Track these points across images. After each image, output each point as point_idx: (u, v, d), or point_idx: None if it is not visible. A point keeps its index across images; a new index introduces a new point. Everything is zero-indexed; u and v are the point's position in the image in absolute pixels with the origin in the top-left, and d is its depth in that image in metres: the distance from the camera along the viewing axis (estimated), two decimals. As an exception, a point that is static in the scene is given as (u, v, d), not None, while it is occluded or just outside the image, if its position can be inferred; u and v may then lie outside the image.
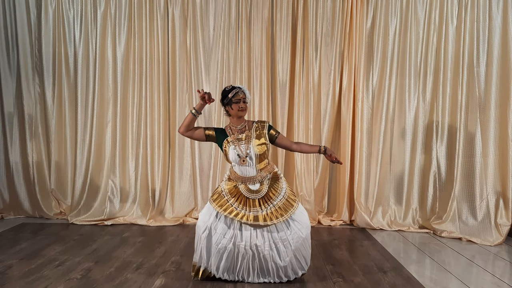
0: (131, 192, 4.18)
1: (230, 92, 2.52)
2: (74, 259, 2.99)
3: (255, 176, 2.52)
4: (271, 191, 2.52)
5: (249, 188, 2.51)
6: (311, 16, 4.06)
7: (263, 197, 2.51)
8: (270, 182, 2.54)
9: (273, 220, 2.45)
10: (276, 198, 2.51)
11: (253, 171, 2.52)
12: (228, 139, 2.55)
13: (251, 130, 2.57)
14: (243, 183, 2.53)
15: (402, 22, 4.03)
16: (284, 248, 2.47)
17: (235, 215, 2.45)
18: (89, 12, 4.12)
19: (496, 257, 3.27)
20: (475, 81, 3.85)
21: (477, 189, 3.80)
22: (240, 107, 2.52)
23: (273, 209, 2.48)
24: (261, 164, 2.54)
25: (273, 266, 2.50)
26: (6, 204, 4.30)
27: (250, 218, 2.44)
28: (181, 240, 3.52)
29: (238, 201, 2.49)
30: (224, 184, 2.58)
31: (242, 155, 2.49)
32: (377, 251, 3.31)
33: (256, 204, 2.49)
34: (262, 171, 2.53)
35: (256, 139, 2.53)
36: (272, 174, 2.57)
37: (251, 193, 2.51)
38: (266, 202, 2.50)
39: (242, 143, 2.52)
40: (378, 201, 4.10)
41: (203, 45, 4.16)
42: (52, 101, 4.25)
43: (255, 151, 2.50)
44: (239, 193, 2.52)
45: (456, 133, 3.89)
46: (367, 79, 4.09)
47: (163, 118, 4.15)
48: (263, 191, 2.51)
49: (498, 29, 3.79)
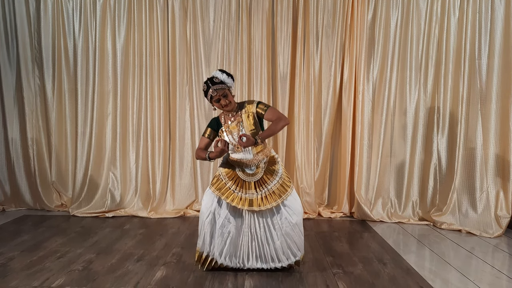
0: (132, 185, 4.19)
1: (206, 94, 2.48)
2: (75, 251, 3.00)
3: (252, 160, 2.55)
4: (266, 175, 2.55)
5: (245, 171, 2.55)
6: (312, 8, 4.03)
7: (258, 180, 2.53)
8: (267, 166, 2.56)
9: (266, 205, 2.48)
10: (270, 183, 2.53)
11: (250, 155, 2.55)
12: (222, 128, 2.58)
13: (241, 115, 2.56)
14: (239, 166, 2.55)
15: (404, 14, 4.00)
16: (275, 231, 2.52)
17: (232, 199, 2.48)
18: (88, 4, 4.09)
19: (496, 249, 3.29)
20: (477, 73, 3.83)
21: (477, 181, 3.81)
22: (222, 105, 2.50)
23: (267, 193, 2.51)
24: (257, 147, 2.55)
25: (267, 249, 2.54)
26: (7, 197, 4.31)
27: (246, 203, 2.47)
28: (182, 232, 3.53)
29: (235, 184, 2.53)
30: (222, 168, 2.61)
31: (234, 142, 2.52)
32: (377, 243, 3.33)
33: (252, 187, 2.52)
34: (259, 154, 2.55)
35: (247, 121, 2.53)
36: (268, 157, 2.59)
37: (247, 176, 2.54)
38: (261, 186, 2.53)
39: (234, 131, 2.54)
40: (378, 193, 4.11)
41: (203, 37, 4.13)
42: (52, 94, 4.24)
43: (247, 131, 2.51)
44: (236, 176, 2.55)
45: (457, 126, 3.88)
46: (368, 71, 4.07)
47: (163, 110, 4.14)
48: (258, 175, 2.54)
49: (500, 20, 3.76)
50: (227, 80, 2.49)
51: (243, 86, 4.11)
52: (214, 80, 2.47)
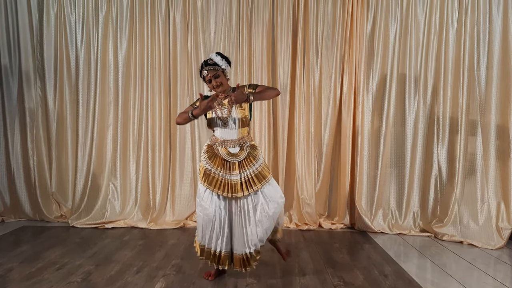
0: (131, 195, 4.18)
1: (201, 74, 2.57)
2: (74, 262, 2.98)
3: (236, 139, 2.57)
4: (249, 157, 2.58)
5: (228, 151, 2.56)
6: (311, 20, 4.07)
7: (241, 162, 2.56)
8: (249, 150, 2.60)
9: (249, 190, 2.51)
10: (252, 166, 2.56)
11: (235, 134, 2.57)
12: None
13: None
14: (223, 146, 2.57)
15: (402, 25, 4.04)
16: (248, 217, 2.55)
17: (220, 189, 2.51)
18: (90, 16, 4.14)
19: (498, 260, 3.26)
20: (476, 84, 3.86)
21: (478, 193, 3.80)
22: (213, 85, 2.54)
23: (249, 176, 2.54)
24: (243, 129, 2.59)
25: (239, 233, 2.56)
26: (6, 207, 4.30)
27: (231, 190, 2.51)
28: (182, 243, 3.51)
29: (220, 166, 2.54)
30: (204, 154, 2.63)
31: (224, 117, 2.54)
32: (378, 255, 3.31)
33: (236, 167, 2.54)
34: (243, 138, 2.59)
35: (239, 105, 2.56)
36: (251, 143, 2.64)
37: (230, 156, 2.55)
38: (243, 167, 2.55)
39: (224, 108, 2.56)
40: (379, 205, 4.10)
41: (204, 48, 4.17)
42: (53, 104, 4.26)
43: (237, 116, 2.55)
44: (219, 158, 2.56)
45: (457, 136, 3.89)
46: (368, 82, 4.10)
47: (164, 121, 4.15)
48: (241, 156, 2.56)
49: (499, 32, 3.80)
50: (221, 62, 2.54)
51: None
52: (208, 61, 2.54)
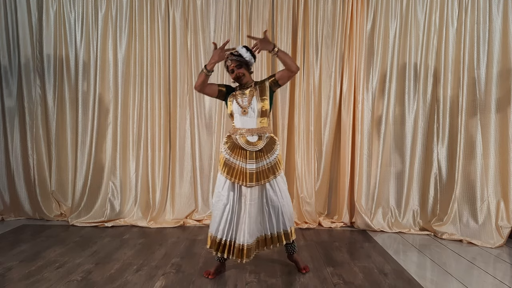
0: (131, 194, 4.18)
1: (225, 63, 2.67)
2: (74, 261, 2.98)
3: (255, 128, 2.62)
4: (266, 148, 2.62)
5: (247, 139, 2.60)
6: (311, 18, 4.07)
7: (258, 151, 2.60)
8: (268, 141, 2.65)
9: (263, 180, 2.59)
10: (268, 158, 2.62)
11: (253, 123, 2.62)
12: (233, 93, 2.69)
13: (255, 87, 2.68)
14: (241, 135, 2.62)
15: (402, 24, 4.04)
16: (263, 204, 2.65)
17: (238, 178, 2.57)
18: (90, 14, 4.13)
19: (497, 259, 3.27)
20: (476, 83, 3.86)
21: (478, 191, 3.80)
22: (235, 75, 2.64)
23: (264, 167, 2.60)
24: (262, 120, 2.64)
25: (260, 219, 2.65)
26: (6, 206, 4.30)
27: (247, 179, 2.56)
28: (182, 242, 3.52)
29: (237, 154, 2.60)
30: (224, 145, 2.68)
31: (244, 106, 2.61)
32: (378, 253, 3.31)
33: (253, 156, 2.59)
34: (262, 128, 2.64)
35: (260, 96, 2.64)
36: (270, 135, 2.68)
37: (248, 145, 2.59)
38: (260, 157, 2.60)
39: (245, 96, 2.64)
40: (379, 203, 4.10)
41: (203, 47, 4.17)
42: (53, 103, 4.26)
43: (257, 105, 2.61)
44: (238, 147, 2.61)
45: (457, 135, 3.89)
46: (368, 81, 4.10)
47: (163, 119, 4.15)
48: (259, 146, 2.60)
49: (498, 31, 3.80)
50: (245, 54, 2.63)
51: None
52: (234, 53, 2.63)
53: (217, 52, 2.56)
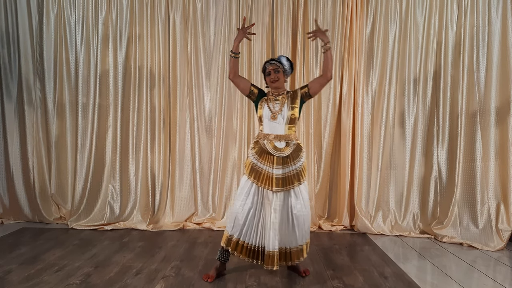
0: (131, 197, 4.18)
1: (264, 66, 2.76)
2: (73, 264, 2.98)
3: (283, 135, 2.65)
4: (293, 155, 2.66)
5: (275, 145, 2.64)
6: (311, 22, 4.08)
7: (285, 157, 2.64)
8: (294, 148, 2.68)
9: (288, 186, 2.62)
10: (295, 164, 2.65)
11: (282, 129, 2.66)
12: (265, 97, 2.74)
13: (286, 96, 2.72)
14: (269, 140, 2.65)
15: (402, 27, 4.05)
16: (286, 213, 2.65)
17: (264, 183, 2.61)
18: (90, 18, 4.14)
19: (498, 262, 3.26)
20: (475, 86, 3.87)
21: (478, 194, 3.80)
22: (270, 78, 2.69)
23: (291, 173, 2.63)
24: (290, 127, 2.68)
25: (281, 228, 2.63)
26: (6, 209, 4.29)
27: (273, 184, 2.60)
28: (181, 245, 3.51)
29: (264, 159, 2.64)
30: (252, 150, 2.72)
31: (275, 111, 2.65)
32: (378, 256, 3.30)
33: (280, 162, 2.63)
34: (290, 135, 2.68)
35: (291, 103, 2.68)
36: (296, 141, 2.71)
37: (276, 151, 2.63)
38: (287, 163, 2.63)
39: (277, 102, 2.69)
40: (379, 206, 4.09)
41: (203, 50, 4.18)
42: (53, 106, 4.26)
43: (287, 113, 2.65)
44: (265, 152, 2.65)
45: (457, 138, 3.89)
46: (367, 84, 4.10)
47: (163, 122, 4.15)
48: (286, 152, 2.63)
49: (498, 34, 3.81)
50: (285, 62, 2.72)
51: (243, 98, 4.13)
52: (275, 58, 2.76)
53: (240, 31, 2.70)
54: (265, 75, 2.76)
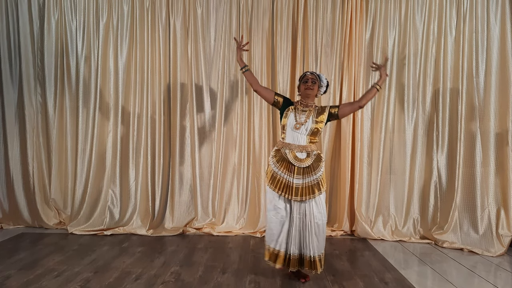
0: (131, 202, 4.17)
1: (304, 74, 2.81)
2: (73, 270, 2.97)
3: (304, 146, 2.69)
4: (313, 165, 2.69)
5: (296, 155, 2.67)
6: (311, 27, 4.10)
7: (306, 168, 2.67)
8: (315, 159, 2.71)
9: (308, 196, 2.65)
10: (315, 174, 2.67)
11: (304, 140, 2.69)
12: (291, 107, 2.77)
13: (314, 110, 2.76)
14: (291, 150, 2.68)
15: (401, 33, 4.07)
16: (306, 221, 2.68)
17: (285, 192, 2.66)
18: (91, 23, 4.16)
19: (498, 268, 3.25)
20: (475, 91, 3.88)
21: (478, 199, 3.80)
22: (306, 85, 2.72)
23: (310, 184, 2.66)
24: (312, 139, 2.72)
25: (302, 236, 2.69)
26: (5, 214, 4.28)
27: (293, 193, 2.65)
28: (181, 251, 3.50)
29: (285, 168, 2.68)
30: (272, 158, 2.76)
31: (300, 121, 2.69)
32: (378, 262, 3.29)
33: (301, 172, 2.66)
34: (311, 145, 2.71)
35: (316, 117, 2.72)
36: (317, 152, 2.74)
37: (297, 161, 2.67)
38: (307, 173, 2.67)
39: (304, 113, 2.72)
40: (379, 211, 4.09)
41: (204, 55, 4.19)
42: (53, 111, 4.26)
43: (311, 125, 2.68)
44: (286, 161, 2.69)
45: (457, 143, 3.89)
46: (367, 89, 4.10)
47: (164, 127, 4.16)
48: (307, 162, 2.67)
49: (497, 39, 3.83)
50: (322, 78, 2.80)
51: (243, 104, 4.15)
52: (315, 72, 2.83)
53: (237, 49, 2.87)
54: (301, 82, 2.78)
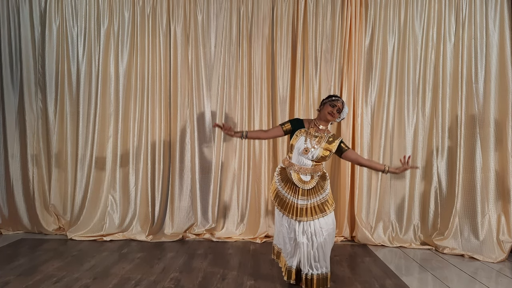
0: (130, 207, 4.16)
1: (334, 96, 2.80)
2: (72, 276, 2.95)
3: (309, 168, 2.68)
4: (317, 186, 2.70)
5: (300, 177, 2.68)
6: (310, 34, 4.12)
7: (310, 189, 2.68)
8: (319, 179, 2.72)
9: (312, 216, 2.66)
10: (319, 195, 2.68)
11: (309, 163, 2.70)
12: (303, 129, 2.76)
13: (327, 137, 2.75)
14: (296, 172, 2.67)
15: (400, 39, 4.09)
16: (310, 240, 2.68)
17: (289, 212, 2.67)
18: (92, 29, 4.19)
19: (499, 274, 3.23)
20: (474, 97, 3.89)
21: (478, 205, 3.79)
22: (331, 110, 2.73)
23: (314, 204, 2.66)
24: (318, 164, 2.73)
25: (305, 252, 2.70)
26: (5, 219, 4.27)
27: (298, 214, 2.66)
28: (180, 257, 3.48)
29: (289, 189, 2.69)
30: (277, 176, 2.78)
31: (308, 147, 2.67)
32: (379, 268, 3.28)
33: (305, 193, 2.67)
34: (316, 166, 2.72)
35: (326, 144, 2.72)
36: (321, 172, 2.75)
37: (301, 183, 2.67)
38: (311, 194, 2.67)
39: (315, 139, 2.71)
40: (379, 217, 4.08)
41: (204, 61, 4.21)
42: (54, 116, 4.27)
43: (320, 151, 2.69)
44: (290, 181, 2.70)
45: (456, 149, 3.89)
46: (366, 95, 4.12)
47: (164, 133, 4.17)
48: (311, 185, 2.68)
49: (495, 46, 3.85)
50: (346, 111, 2.80)
51: (243, 110, 4.16)
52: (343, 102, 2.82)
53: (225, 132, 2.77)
54: (327, 102, 2.77)
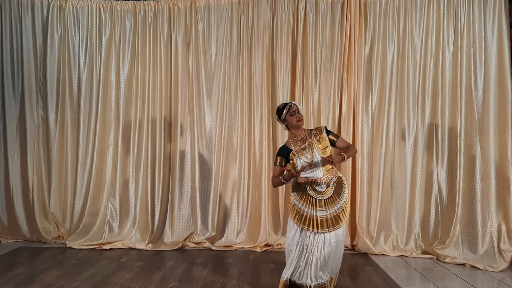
0: (130, 216, 4.15)
1: (284, 108, 2.77)
2: (71, 285, 2.93)
3: (322, 177, 2.66)
4: (334, 195, 2.68)
5: (316, 189, 2.66)
6: (310, 43, 4.15)
7: (328, 199, 2.66)
8: (336, 186, 2.69)
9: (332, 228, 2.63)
10: (337, 204, 2.67)
11: (320, 173, 2.66)
12: (293, 152, 2.73)
13: (311, 137, 2.74)
14: (310, 186, 2.66)
15: (400, 48, 4.11)
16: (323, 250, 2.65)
17: (309, 225, 2.63)
18: (94, 39, 4.23)
19: (501, 283, 3.21)
20: (474, 106, 3.90)
21: (479, 214, 3.77)
22: (297, 117, 2.73)
23: (333, 214, 2.64)
24: (326, 166, 2.68)
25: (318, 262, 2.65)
26: (4, 228, 4.26)
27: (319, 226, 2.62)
28: (180, 265, 3.46)
29: (307, 203, 2.66)
30: (294, 192, 2.74)
31: (309, 161, 2.66)
32: (380, 277, 3.25)
33: (322, 204, 2.65)
34: (328, 173, 2.68)
35: (318, 144, 2.70)
36: (337, 178, 2.72)
37: (317, 194, 2.66)
38: (329, 204, 2.66)
39: (306, 152, 2.69)
40: (380, 226, 4.06)
41: (205, 70, 4.24)
42: (54, 125, 4.29)
43: (319, 155, 2.66)
44: (308, 196, 2.67)
45: (457, 157, 3.89)
46: (367, 103, 4.14)
47: (164, 141, 4.18)
48: (328, 194, 2.66)
49: (494, 55, 3.87)
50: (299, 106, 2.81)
51: (243, 118, 4.17)
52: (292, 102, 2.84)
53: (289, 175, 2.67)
54: (285, 116, 2.75)
